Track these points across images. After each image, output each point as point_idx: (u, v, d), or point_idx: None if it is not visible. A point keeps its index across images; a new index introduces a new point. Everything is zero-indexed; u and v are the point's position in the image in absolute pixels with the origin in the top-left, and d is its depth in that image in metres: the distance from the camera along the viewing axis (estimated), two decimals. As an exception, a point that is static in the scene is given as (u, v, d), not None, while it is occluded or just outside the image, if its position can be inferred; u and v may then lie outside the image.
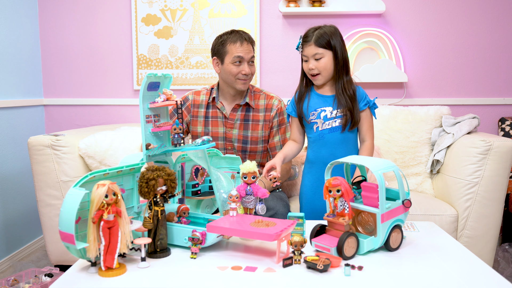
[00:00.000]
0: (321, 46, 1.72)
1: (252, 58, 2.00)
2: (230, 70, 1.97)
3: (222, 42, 1.99)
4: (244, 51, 1.96)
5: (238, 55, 1.95)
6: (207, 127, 2.09)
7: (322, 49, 1.72)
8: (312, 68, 1.74)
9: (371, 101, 1.80)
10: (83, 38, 3.01)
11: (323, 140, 1.78)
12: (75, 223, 1.12)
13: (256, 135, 2.06)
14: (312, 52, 1.73)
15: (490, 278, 1.17)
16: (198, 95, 2.13)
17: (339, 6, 2.83)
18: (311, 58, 1.74)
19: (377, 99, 2.93)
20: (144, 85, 1.36)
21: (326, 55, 1.73)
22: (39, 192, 2.20)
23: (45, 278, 2.03)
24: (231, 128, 2.07)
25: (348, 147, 1.78)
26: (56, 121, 3.07)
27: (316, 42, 1.72)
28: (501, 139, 2.09)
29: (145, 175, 1.27)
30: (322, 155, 1.79)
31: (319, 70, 1.74)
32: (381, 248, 1.36)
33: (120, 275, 1.16)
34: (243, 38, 1.97)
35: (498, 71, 2.93)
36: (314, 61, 1.74)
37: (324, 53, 1.72)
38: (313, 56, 1.73)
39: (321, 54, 1.72)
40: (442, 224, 2.08)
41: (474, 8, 2.90)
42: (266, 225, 1.26)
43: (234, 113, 2.07)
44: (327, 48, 1.73)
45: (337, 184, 1.27)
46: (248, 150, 2.08)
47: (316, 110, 1.78)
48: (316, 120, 1.78)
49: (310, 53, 1.74)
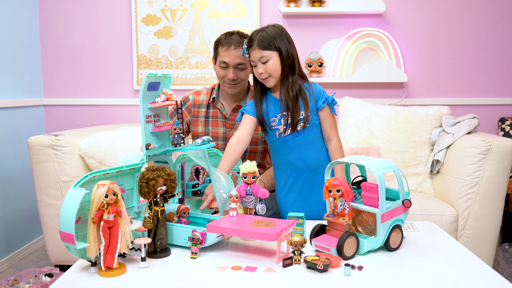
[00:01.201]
0: (266, 49, 1.65)
1: (240, 65, 1.93)
2: (217, 72, 1.98)
3: (216, 42, 1.98)
4: (229, 57, 1.91)
5: (222, 60, 1.93)
6: (207, 127, 2.09)
7: (267, 51, 1.65)
8: (261, 73, 1.67)
9: (330, 97, 1.71)
10: (83, 38, 3.01)
11: (288, 146, 1.72)
12: (75, 223, 1.12)
13: (256, 136, 2.05)
14: (257, 56, 1.66)
15: (490, 278, 1.17)
16: (198, 95, 2.13)
17: (339, 6, 2.83)
18: (258, 62, 1.67)
19: (377, 99, 2.93)
20: (144, 85, 1.36)
21: (273, 56, 1.65)
22: (39, 192, 2.20)
23: (45, 278, 2.03)
24: (231, 129, 2.07)
25: (315, 148, 1.73)
26: (56, 121, 3.07)
27: (260, 45, 1.65)
28: (501, 139, 2.09)
29: (145, 175, 1.27)
30: (291, 160, 1.73)
31: (268, 73, 1.66)
32: (381, 248, 1.36)
33: (120, 275, 1.16)
34: (231, 43, 1.91)
35: (498, 71, 2.93)
36: (262, 64, 1.66)
37: (270, 55, 1.65)
38: (260, 60, 1.66)
39: (267, 56, 1.65)
40: (442, 224, 2.08)
41: (474, 8, 2.90)
42: (266, 225, 1.26)
43: (235, 114, 2.06)
44: (272, 50, 1.65)
45: (337, 184, 1.27)
46: (248, 150, 2.08)
47: (276, 116, 1.72)
48: (277, 126, 1.72)
49: (256, 57, 1.67)
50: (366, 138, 2.50)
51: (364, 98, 2.80)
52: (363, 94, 2.93)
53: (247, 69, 1.98)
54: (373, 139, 2.49)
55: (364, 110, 2.59)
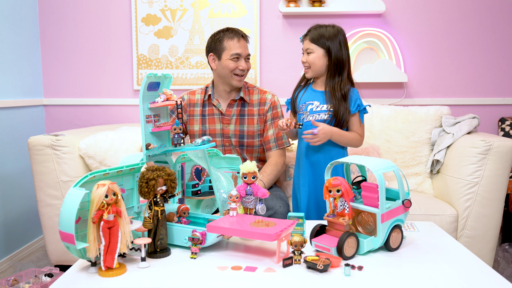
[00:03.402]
0: (314, 43, 1.82)
1: (248, 55, 2.10)
2: (228, 66, 2.04)
3: (219, 38, 2.07)
4: (242, 48, 2.05)
5: (236, 52, 2.03)
6: (204, 125, 2.13)
7: (314, 45, 1.82)
8: (303, 61, 1.86)
9: (362, 105, 1.84)
10: (83, 38, 3.01)
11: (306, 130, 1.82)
12: (75, 223, 1.12)
13: (252, 129, 2.10)
14: (305, 46, 1.85)
15: (490, 278, 1.17)
16: (193, 94, 2.20)
17: (339, 6, 2.83)
18: (305, 52, 1.86)
19: (377, 99, 2.93)
20: (144, 85, 1.36)
21: (316, 51, 1.82)
22: (39, 192, 2.20)
23: (45, 278, 2.03)
24: (227, 124, 2.12)
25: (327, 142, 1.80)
26: (56, 121, 3.07)
27: (311, 38, 1.83)
28: (501, 139, 2.09)
29: (145, 175, 1.27)
30: (302, 146, 1.90)
31: (308, 64, 1.84)
32: (381, 248, 1.36)
33: (120, 275, 1.17)
34: (239, 35, 2.06)
35: (498, 71, 2.93)
36: (306, 54, 1.85)
37: (314, 49, 1.82)
38: (306, 50, 1.85)
39: (312, 50, 1.82)
40: (442, 224, 2.08)
41: (474, 8, 2.90)
42: (266, 225, 1.26)
43: (230, 108, 2.12)
44: (319, 46, 1.82)
45: (337, 184, 1.27)
46: (245, 144, 2.12)
47: (305, 103, 1.88)
48: (303, 112, 1.87)
49: (304, 47, 1.86)
50: (366, 138, 2.49)
51: (364, 98, 2.79)
52: (363, 94, 2.92)
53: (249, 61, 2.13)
54: (373, 139, 2.49)
55: (364, 110, 2.59)
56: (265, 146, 2.14)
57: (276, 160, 2.09)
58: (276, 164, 2.08)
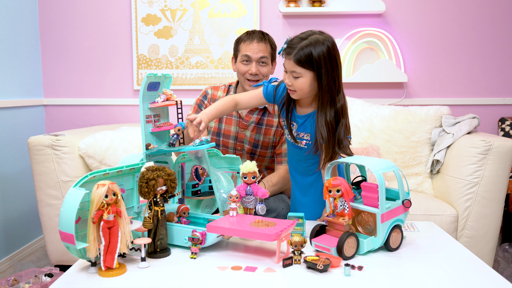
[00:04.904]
0: (301, 65, 1.45)
1: (263, 58, 1.94)
2: (239, 69, 1.98)
3: (237, 40, 2.01)
4: (252, 50, 1.93)
5: (245, 54, 1.94)
6: (220, 124, 2.05)
7: (302, 69, 1.46)
8: (288, 84, 1.52)
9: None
10: (83, 38, 3.01)
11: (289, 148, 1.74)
12: (75, 223, 1.12)
13: (268, 140, 2.03)
14: (290, 67, 1.49)
15: (490, 278, 1.17)
16: (216, 90, 2.10)
17: (339, 6, 2.83)
18: (289, 73, 1.50)
19: (377, 99, 2.93)
20: (144, 85, 1.36)
21: (305, 75, 1.47)
22: (39, 192, 2.20)
23: (45, 278, 2.03)
24: (244, 129, 2.03)
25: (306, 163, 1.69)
26: (56, 121, 3.07)
27: (296, 59, 1.45)
28: (501, 139, 2.09)
29: (145, 175, 1.27)
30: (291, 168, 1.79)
31: (294, 88, 1.51)
32: (381, 248, 1.36)
33: (120, 275, 1.16)
34: (253, 37, 1.95)
35: (498, 71, 2.93)
36: (292, 77, 1.49)
37: (302, 73, 1.46)
38: (291, 72, 1.49)
39: (299, 74, 1.47)
40: (442, 224, 2.08)
41: (474, 8, 2.90)
42: (266, 225, 1.26)
43: (250, 115, 2.03)
44: (308, 69, 1.46)
45: (337, 184, 1.27)
46: (257, 154, 2.05)
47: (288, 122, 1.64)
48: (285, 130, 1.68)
49: (288, 67, 1.50)
50: (366, 138, 2.50)
51: (364, 98, 2.80)
52: (363, 94, 2.93)
53: (269, 66, 1.99)
54: (373, 139, 2.49)
55: (364, 110, 2.59)
56: (276, 159, 2.07)
57: (285, 174, 2.01)
58: (284, 178, 2.01)
